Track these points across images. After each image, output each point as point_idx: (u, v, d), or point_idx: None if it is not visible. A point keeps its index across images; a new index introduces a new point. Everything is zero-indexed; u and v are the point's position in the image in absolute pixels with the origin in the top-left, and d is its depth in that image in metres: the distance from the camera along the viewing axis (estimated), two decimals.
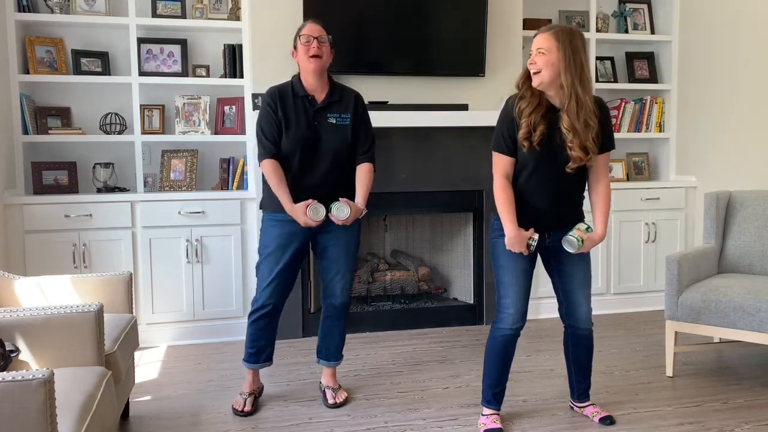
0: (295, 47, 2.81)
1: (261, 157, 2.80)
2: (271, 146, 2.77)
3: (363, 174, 2.87)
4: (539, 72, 2.41)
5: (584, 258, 2.64)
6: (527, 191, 2.53)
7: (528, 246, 2.49)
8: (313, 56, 2.73)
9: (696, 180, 4.59)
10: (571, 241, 2.50)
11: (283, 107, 2.77)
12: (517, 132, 2.47)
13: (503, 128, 2.52)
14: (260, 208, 2.94)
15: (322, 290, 2.98)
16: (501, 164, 2.54)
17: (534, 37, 2.48)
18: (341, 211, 2.75)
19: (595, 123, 2.45)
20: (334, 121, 2.81)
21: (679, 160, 4.74)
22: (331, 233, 2.86)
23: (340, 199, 2.77)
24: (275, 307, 2.87)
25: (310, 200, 2.71)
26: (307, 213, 2.70)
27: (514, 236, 2.47)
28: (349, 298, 2.98)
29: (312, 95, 2.80)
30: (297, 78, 2.83)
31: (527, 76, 2.48)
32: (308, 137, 2.77)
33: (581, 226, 2.54)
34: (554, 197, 2.54)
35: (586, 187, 2.64)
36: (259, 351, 2.92)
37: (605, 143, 2.53)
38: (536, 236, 2.50)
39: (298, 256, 2.87)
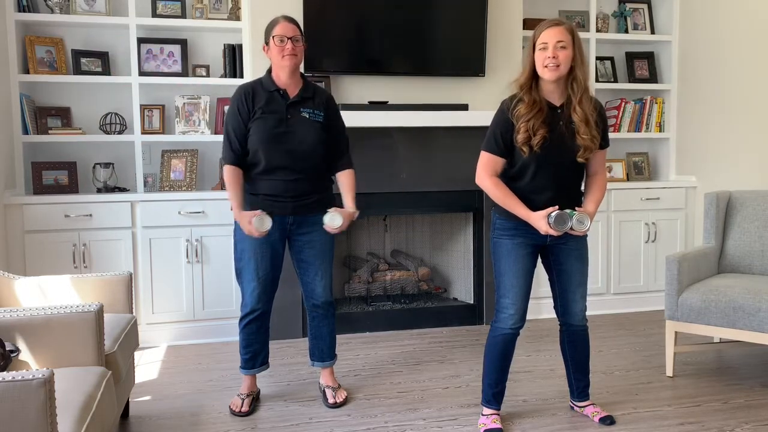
0: (266, 43, 2.79)
1: (224, 160, 2.80)
2: (232, 155, 2.77)
3: (348, 179, 2.90)
4: (559, 66, 2.42)
5: (583, 258, 2.64)
6: (532, 191, 2.52)
7: (549, 223, 2.43)
8: (288, 55, 2.73)
9: (696, 180, 4.59)
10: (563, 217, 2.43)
11: (255, 102, 2.77)
12: (515, 134, 2.47)
13: (498, 129, 2.51)
14: (231, 209, 2.89)
15: (303, 291, 2.98)
16: (491, 164, 2.54)
17: (541, 31, 2.45)
18: (334, 220, 2.74)
19: (595, 115, 2.50)
20: (307, 116, 2.80)
21: (679, 160, 4.74)
22: (306, 235, 2.86)
23: (329, 210, 2.76)
24: (265, 311, 2.89)
25: (258, 210, 2.68)
26: (252, 222, 2.66)
27: (537, 218, 2.45)
28: (332, 296, 2.98)
29: (284, 89, 2.79)
30: (268, 74, 2.83)
31: (531, 77, 2.48)
32: (281, 131, 2.75)
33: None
34: (557, 196, 2.53)
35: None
36: (255, 355, 2.94)
37: (602, 141, 2.57)
38: (554, 213, 2.43)
39: (278, 258, 2.87)
